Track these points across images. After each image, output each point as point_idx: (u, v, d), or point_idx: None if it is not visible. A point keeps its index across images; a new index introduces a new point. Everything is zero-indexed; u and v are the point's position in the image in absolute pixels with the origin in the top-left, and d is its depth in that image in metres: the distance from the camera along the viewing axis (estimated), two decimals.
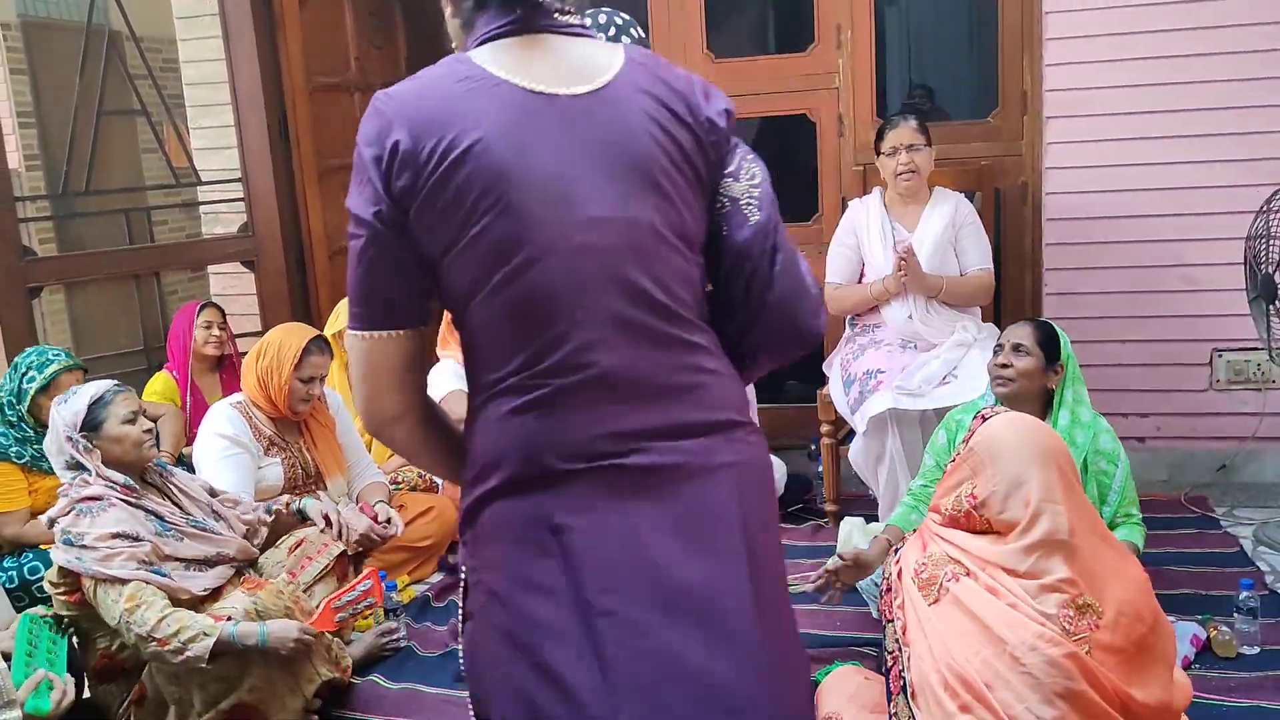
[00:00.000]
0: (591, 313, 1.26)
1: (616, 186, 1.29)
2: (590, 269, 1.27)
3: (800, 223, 4.21)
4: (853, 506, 3.59)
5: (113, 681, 2.49)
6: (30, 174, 5.41)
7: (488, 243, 1.25)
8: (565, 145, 1.28)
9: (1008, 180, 3.89)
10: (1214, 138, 3.57)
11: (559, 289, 1.26)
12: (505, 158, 1.25)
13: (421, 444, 1.40)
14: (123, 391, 2.53)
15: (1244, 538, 3.29)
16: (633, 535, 1.27)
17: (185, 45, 4.69)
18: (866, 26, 3.97)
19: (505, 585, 1.29)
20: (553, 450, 1.27)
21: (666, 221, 1.31)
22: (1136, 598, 1.79)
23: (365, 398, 1.35)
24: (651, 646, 1.25)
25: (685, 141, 1.34)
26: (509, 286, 1.26)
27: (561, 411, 1.27)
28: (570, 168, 1.27)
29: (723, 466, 1.34)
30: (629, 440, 1.28)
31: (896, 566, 2.01)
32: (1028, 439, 1.90)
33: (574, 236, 1.26)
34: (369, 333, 1.32)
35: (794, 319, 1.42)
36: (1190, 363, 3.74)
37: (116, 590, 2.29)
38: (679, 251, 1.33)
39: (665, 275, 1.31)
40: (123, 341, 4.61)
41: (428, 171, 1.26)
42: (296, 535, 2.75)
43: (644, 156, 1.30)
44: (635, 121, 1.31)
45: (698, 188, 1.36)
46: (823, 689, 2.26)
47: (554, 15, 1.34)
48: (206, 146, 4.63)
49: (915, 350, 3.32)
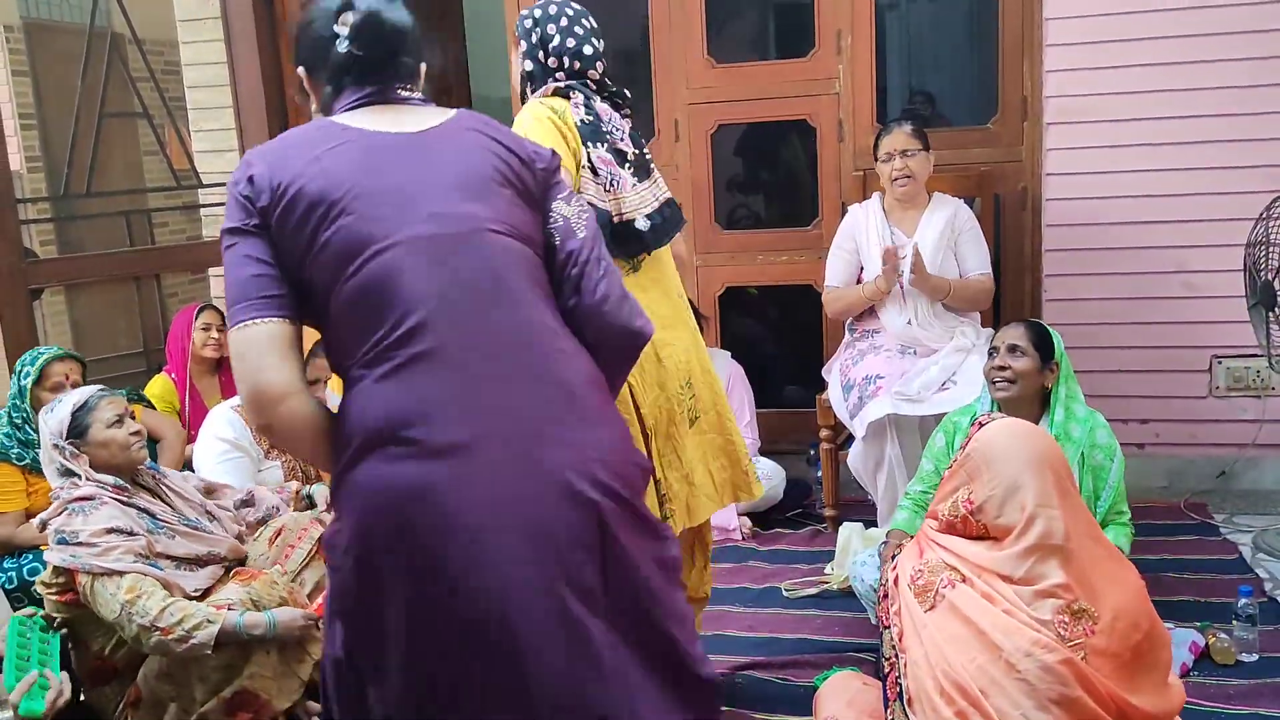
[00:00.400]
0: (432, 291, 1.44)
1: (452, 192, 1.50)
2: (430, 253, 1.46)
3: (800, 228, 4.22)
4: (852, 511, 3.60)
5: (107, 684, 2.49)
6: (32, 176, 5.41)
7: (337, 247, 1.44)
8: (406, 164, 1.51)
9: (1007, 186, 3.89)
10: (1213, 144, 3.57)
11: (402, 271, 1.44)
12: (353, 176, 1.47)
13: (304, 423, 1.46)
14: (107, 395, 2.53)
15: (1243, 544, 3.29)
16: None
17: (187, 48, 4.70)
18: (867, 32, 3.98)
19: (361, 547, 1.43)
20: (405, 416, 1.41)
21: (498, 218, 1.52)
22: (1132, 603, 1.79)
23: (250, 384, 1.45)
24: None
25: (512, 163, 1.58)
26: (358, 277, 1.44)
27: (410, 380, 1.42)
28: (410, 181, 1.49)
29: (557, 441, 1.46)
30: (469, 408, 1.43)
31: (893, 573, 2.01)
32: (1024, 444, 1.90)
33: (414, 227, 1.46)
34: (247, 322, 1.45)
35: (619, 315, 1.60)
36: (1190, 369, 3.74)
37: (114, 583, 2.29)
38: (513, 240, 1.53)
39: (502, 260, 1.50)
40: (123, 343, 4.62)
41: (284, 189, 1.47)
42: (274, 525, 2.73)
43: (475, 171, 1.54)
44: (466, 146, 1.56)
45: (527, 200, 1.59)
46: (821, 694, 2.26)
47: (398, 91, 1.59)
48: (208, 149, 4.64)
49: (914, 355, 3.32)
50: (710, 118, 4.20)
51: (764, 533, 3.69)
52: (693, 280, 4.29)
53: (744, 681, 2.68)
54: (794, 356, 4.55)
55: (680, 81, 4.18)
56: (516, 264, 1.53)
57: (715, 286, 4.30)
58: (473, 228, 1.50)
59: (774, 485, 3.77)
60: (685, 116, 4.20)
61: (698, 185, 4.23)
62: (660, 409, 2.28)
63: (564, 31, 2.31)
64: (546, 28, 2.31)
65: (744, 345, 4.24)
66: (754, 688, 2.65)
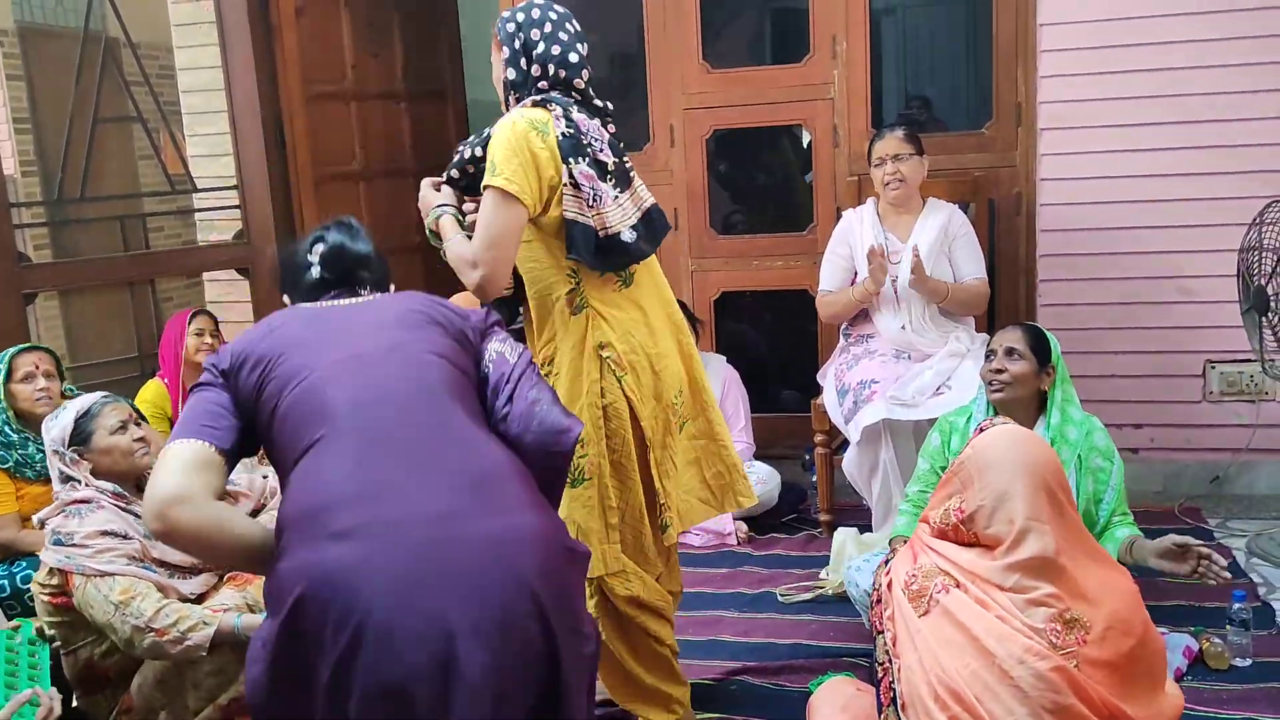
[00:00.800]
0: (350, 398, 1.63)
1: (382, 330, 1.75)
2: (353, 370, 1.66)
3: (795, 233, 4.23)
4: (847, 516, 3.60)
5: (99, 692, 2.47)
6: (26, 180, 5.40)
7: (276, 382, 1.67)
8: (344, 318, 1.79)
9: (1002, 191, 3.90)
10: (1207, 150, 3.58)
11: (325, 387, 1.64)
12: (298, 334, 1.74)
13: (195, 527, 1.57)
14: (110, 402, 2.52)
15: (1237, 549, 3.29)
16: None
17: (182, 53, 4.69)
18: (862, 38, 3.98)
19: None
20: (318, 505, 1.53)
21: (425, 343, 1.74)
22: (1126, 611, 1.79)
23: (148, 490, 1.59)
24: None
25: (440, 317, 1.81)
26: (288, 398, 1.65)
27: (325, 474, 1.57)
28: (345, 327, 1.76)
29: (470, 529, 1.53)
30: (382, 498, 1.53)
31: (887, 578, 2.01)
32: (1017, 454, 1.90)
33: (342, 354, 1.69)
34: (173, 442, 1.64)
35: (550, 415, 1.72)
36: (1184, 374, 3.74)
37: (107, 584, 2.28)
38: (439, 358, 1.72)
39: (424, 371, 1.69)
40: (117, 348, 4.61)
41: (242, 354, 1.72)
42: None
43: (408, 313, 1.79)
44: (403, 305, 1.82)
45: (460, 340, 1.79)
46: (814, 700, 2.26)
47: (355, 288, 1.91)
48: (202, 154, 4.63)
49: (909, 360, 3.32)
50: (705, 123, 4.20)
51: (759, 538, 3.68)
52: (688, 285, 4.29)
53: (738, 687, 2.68)
54: (789, 361, 4.56)
55: (676, 86, 4.18)
56: (439, 376, 1.70)
57: (710, 291, 4.30)
58: (398, 348, 1.71)
59: (769, 490, 3.77)
60: (680, 122, 4.20)
61: (693, 190, 4.23)
62: (657, 419, 2.28)
63: (548, 38, 2.24)
64: (530, 33, 2.24)
65: (739, 350, 4.24)
66: (748, 693, 2.65)
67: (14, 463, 3.13)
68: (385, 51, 4.82)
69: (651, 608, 2.35)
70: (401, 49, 4.89)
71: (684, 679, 2.43)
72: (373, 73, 4.74)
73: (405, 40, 4.90)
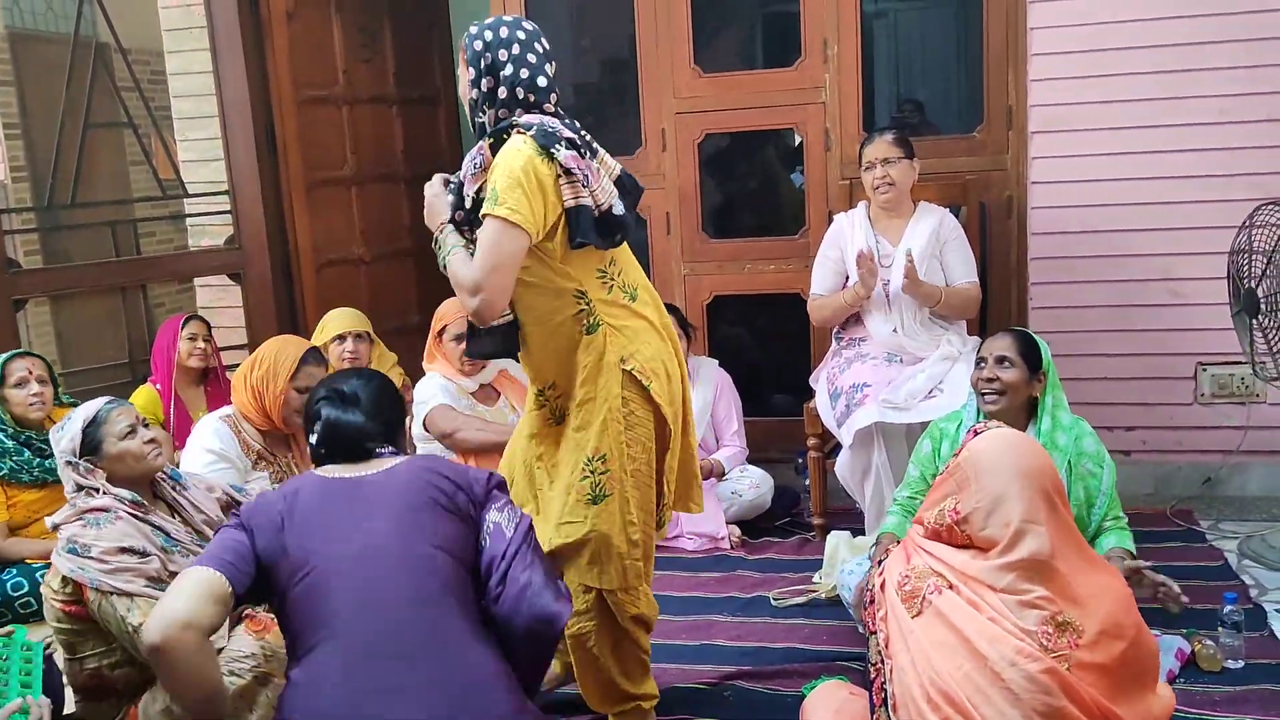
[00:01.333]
0: (350, 602, 1.75)
1: (393, 519, 1.84)
2: (353, 571, 1.77)
3: (787, 237, 4.23)
4: (840, 520, 3.59)
5: (103, 700, 2.46)
6: (16, 186, 5.40)
7: (290, 564, 1.80)
8: (355, 499, 1.89)
9: (993, 194, 3.91)
10: (1198, 152, 3.60)
11: (328, 588, 1.77)
12: (311, 515, 1.86)
13: (187, 655, 1.70)
14: (115, 406, 2.47)
15: (1229, 551, 3.30)
16: None
17: (173, 58, 4.69)
18: (853, 41, 3.99)
19: None
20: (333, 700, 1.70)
21: (424, 537, 1.83)
22: (1118, 614, 1.79)
23: (160, 604, 1.75)
24: None
25: (448, 489, 1.91)
26: (295, 590, 1.78)
27: (320, 679, 1.72)
28: (355, 511, 1.86)
29: None
30: (373, 708, 1.68)
31: (880, 578, 2.01)
32: (1013, 457, 1.90)
33: (345, 550, 1.80)
34: (196, 566, 1.79)
35: (540, 600, 1.82)
36: (1175, 376, 3.75)
37: (124, 604, 2.26)
38: (438, 552, 1.82)
39: (421, 572, 1.80)
40: (109, 354, 4.59)
41: (273, 522, 1.87)
42: None
43: (410, 501, 1.87)
44: (409, 484, 1.91)
45: (460, 518, 1.90)
46: (808, 704, 2.26)
47: (370, 449, 2.02)
48: (193, 159, 4.63)
49: (901, 364, 3.33)
50: (697, 127, 4.20)
51: (752, 541, 3.68)
52: (680, 290, 4.29)
53: (731, 691, 2.67)
54: (782, 365, 4.56)
55: (667, 91, 4.19)
56: (438, 577, 1.80)
57: (703, 295, 4.30)
58: (401, 543, 1.81)
59: (762, 494, 3.77)
60: (672, 126, 4.21)
61: (685, 194, 4.24)
62: (675, 423, 2.34)
63: (516, 59, 2.19)
64: (497, 53, 2.19)
65: (732, 354, 4.24)
66: (741, 697, 2.64)
67: (9, 469, 3.12)
68: (377, 56, 4.82)
69: (648, 624, 2.39)
70: (393, 53, 4.89)
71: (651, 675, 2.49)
72: (364, 77, 4.74)
73: (397, 45, 4.90)
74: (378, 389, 2.12)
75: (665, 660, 2.79)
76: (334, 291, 4.46)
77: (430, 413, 3.48)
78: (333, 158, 4.62)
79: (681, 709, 2.59)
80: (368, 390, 2.09)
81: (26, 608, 2.98)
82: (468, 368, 3.55)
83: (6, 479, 3.13)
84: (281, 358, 3.04)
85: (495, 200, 2.08)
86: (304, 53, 4.42)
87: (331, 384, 2.12)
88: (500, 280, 2.10)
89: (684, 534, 3.68)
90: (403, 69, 4.91)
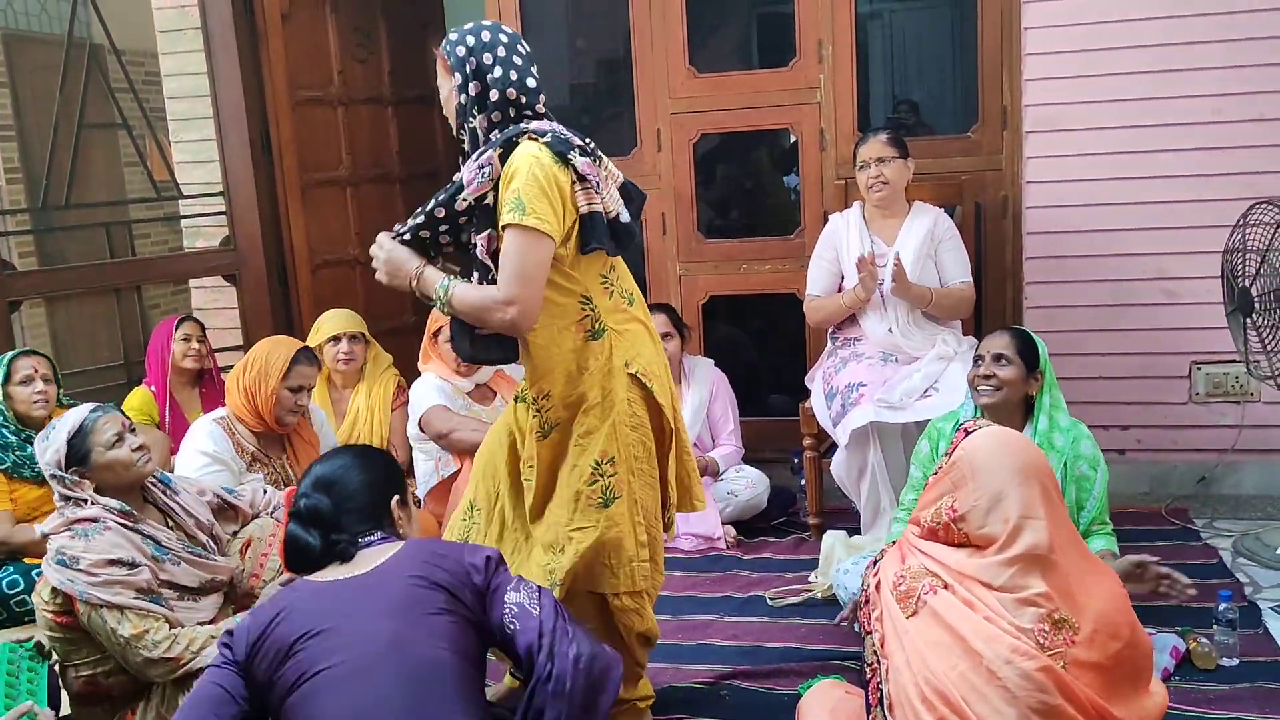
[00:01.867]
0: (347, 710, 1.69)
1: (382, 621, 1.76)
2: (350, 676, 1.71)
3: (782, 237, 4.23)
4: (835, 520, 3.59)
5: (98, 705, 2.45)
6: (11, 187, 5.39)
7: (287, 674, 1.75)
8: (346, 604, 1.81)
9: (988, 194, 3.91)
10: (1192, 152, 3.60)
11: (319, 695, 1.72)
12: (306, 620, 1.79)
13: None
14: (101, 415, 2.42)
15: (1223, 549, 3.30)
16: None
17: (167, 59, 4.68)
18: (848, 41, 4.00)
19: None
20: None
21: (426, 636, 1.76)
22: (1114, 613, 1.79)
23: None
24: None
25: (445, 577, 1.83)
26: (291, 698, 1.74)
27: None
28: (346, 618, 1.78)
29: None
30: None
31: (875, 579, 2.01)
32: (1009, 454, 1.90)
33: (341, 656, 1.73)
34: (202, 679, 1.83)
35: (593, 671, 1.78)
36: (1170, 375, 3.76)
37: (115, 616, 2.25)
38: (442, 652, 1.75)
39: (424, 673, 1.73)
40: (104, 355, 4.59)
41: (266, 635, 1.80)
42: (241, 537, 2.69)
43: (413, 596, 1.79)
44: (405, 574, 1.82)
45: (464, 614, 1.81)
46: (804, 704, 2.26)
47: (352, 545, 1.92)
48: (188, 160, 4.62)
49: (896, 363, 3.33)
50: (693, 127, 4.21)
51: (748, 541, 3.68)
52: (676, 290, 4.29)
53: (728, 691, 2.67)
54: (777, 365, 4.56)
55: (662, 91, 4.19)
56: (440, 674, 1.74)
57: (699, 296, 4.30)
58: (399, 645, 1.74)
59: (758, 494, 3.77)
60: (667, 126, 4.21)
61: (680, 195, 4.24)
62: (676, 423, 2.37)
63: (503, 63, 2.18)
64: (482, 57, 2.18)
65: (728, 354, 4.25)
66: (737, 697, 2.65)
67: (11, 463, 3.12)
68: (372, 57, 4.82)
69: (651, 641, 2.42)
70: (388, 54, 4.89)
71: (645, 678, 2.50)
72: (359, 78, 4.74)
73: (392, 45, 4.89)
74: (345, 470, 2.00)
75: (662, 660, 2.79)
76: (329, 292, 4.46)
77: (426, 413, 3.48)
78: (328, 158, 4.62)
79: (678, 709, 2.59)
80: (336, 484, 1.97)
81: (21, 606, 2.97)
82: (463, 368, 3.55)
83: (9, 472, 3.13)
84: (273, 359, 3.04)
85: (522, 210, 2.06)
86: (299, 53, 4.42)
87: (302, 486, 2.00)
88: (533, 290, 2.09)
89: (680, 534, 3.68)
90: (398, 69, 4.91)
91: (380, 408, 3.74)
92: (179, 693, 2.33)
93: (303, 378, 3.07)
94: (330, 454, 2.12)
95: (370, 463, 2.05)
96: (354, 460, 2.03)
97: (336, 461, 2.03)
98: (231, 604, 2.59)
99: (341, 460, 2.03)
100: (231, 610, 2.58)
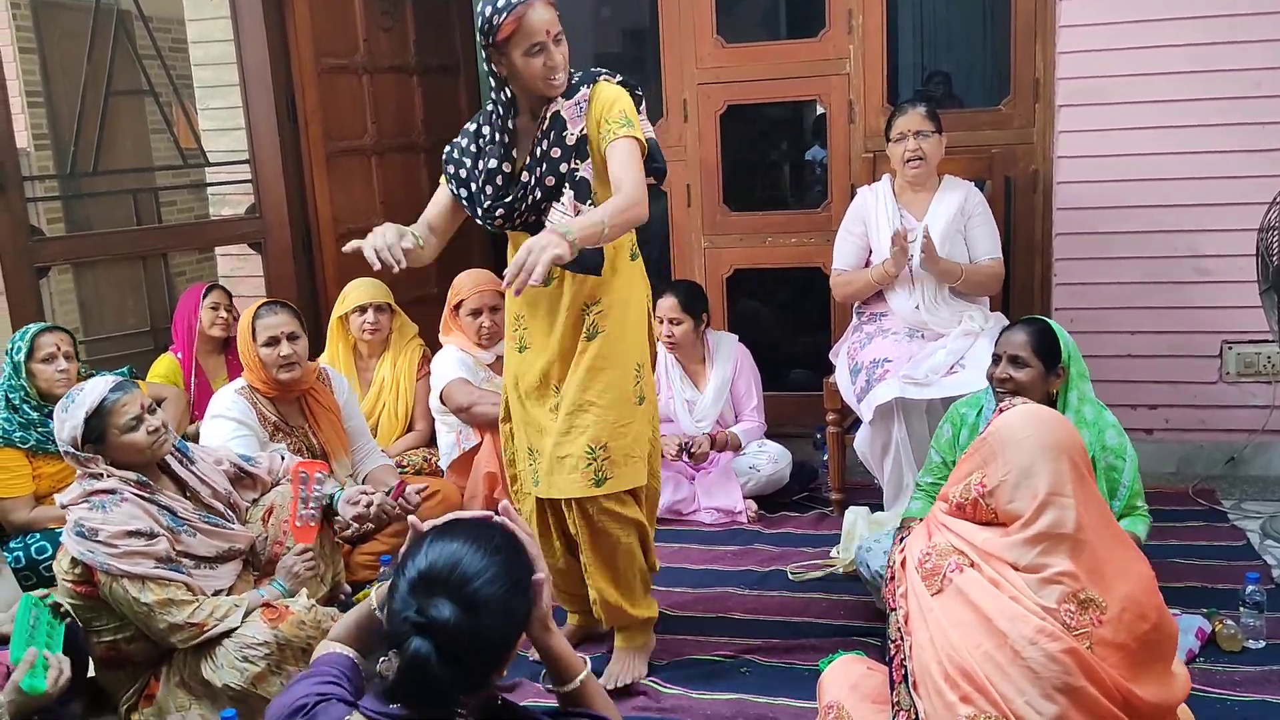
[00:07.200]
0: None
1: None
2: None
3: (809, 210, 4.20)
4: (858, 495, 3.59)
5: (120, 669, 2.49)
6: (39, 154, 5.41)
7: None
8: None
9: (1019, 168, 3.86)
10: (1227, 127, 3.54)
11: None
12: None
13: None
14: (121, 395, 2.41)
15: (1251, 531, 3.27)
16: None
17: (193, 25, 4.68)
18: (878, 12, 3.94)
19: None
20: None
21: None
22: (1141, 595, 1.77)
23: None
24: None
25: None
26: None
27: None
28: None
29: None
30: None
31: (901, 555, 2.00)
32: (1042, 430, 1.88)
33: None
34: None
35: None
36: (1200, 354, 3.71)
37: (137, 588, 2.29)
38: None
39: None
40: (130, 322, 4.63)
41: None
42: (263, 504, 2.71)
43: None
44: None
45: None
46: (824, 678, 2.25)
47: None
48: (214, 128, 4.63)
49: (922, 339, 3.30)
50: (720, 98, 4.17)
51: (770, 516, 3.68)
52: (699, 262, 4.27)
53: (748, 665, 2.68)
54: (801, 340, 4.54)
55: (689, 61, 4.15)
56: None
57: (723, 269, 4.28)
58: None
59: (780, 469, 3.77)
60: (694, 97, 4.17)
61: (706, 166, 4.21)
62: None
63: None
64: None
65: (751, 328, 4.23)
66: (758, 671, 2.65)
67: (35, 441, 3.15)
68: (397, 25, 4.79)
69: (645, 533, 2.65)
70: (414, 22, 4.85)
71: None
72: (385, 46, 4.71)
73: (417, 13, 4.86)
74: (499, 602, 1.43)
75: (682, 632, 2.80)
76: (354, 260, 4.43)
77: (446, 387, 3.48)
78: (353, 127, 4.61)
79: (698, 683, 2.60)
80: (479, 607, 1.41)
81: (50, 571, 3.01)
82: (485, 340, 3.55)
83: (33, 450, 3.15)
84: (243, 325, 3.13)
85: (630, 124, 2.34)
86: (324, 21, 4.40)
87: (436, 600, 1.40)
88: (645, 188, 2.34)
89: (702, 508, 3.68)
90: (423, 38, 4.88)
91: (405, 377, 3.76)
92: (200, 659, 2.36)
93: (269, 329, 3.07)
94: (432, 604, 1.40)
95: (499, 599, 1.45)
96: (472, 612, 1.40)
97: (429, 628, 1.39)
98: (254, 571, 2.61)
99: (444, 628, 1.39)
100: (252, 577, 2.61)
